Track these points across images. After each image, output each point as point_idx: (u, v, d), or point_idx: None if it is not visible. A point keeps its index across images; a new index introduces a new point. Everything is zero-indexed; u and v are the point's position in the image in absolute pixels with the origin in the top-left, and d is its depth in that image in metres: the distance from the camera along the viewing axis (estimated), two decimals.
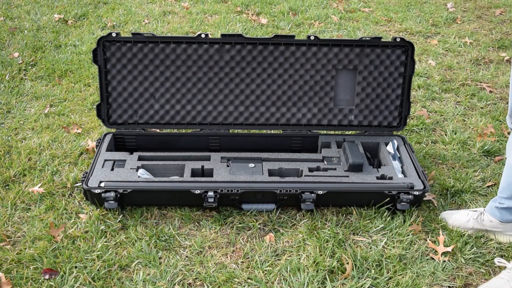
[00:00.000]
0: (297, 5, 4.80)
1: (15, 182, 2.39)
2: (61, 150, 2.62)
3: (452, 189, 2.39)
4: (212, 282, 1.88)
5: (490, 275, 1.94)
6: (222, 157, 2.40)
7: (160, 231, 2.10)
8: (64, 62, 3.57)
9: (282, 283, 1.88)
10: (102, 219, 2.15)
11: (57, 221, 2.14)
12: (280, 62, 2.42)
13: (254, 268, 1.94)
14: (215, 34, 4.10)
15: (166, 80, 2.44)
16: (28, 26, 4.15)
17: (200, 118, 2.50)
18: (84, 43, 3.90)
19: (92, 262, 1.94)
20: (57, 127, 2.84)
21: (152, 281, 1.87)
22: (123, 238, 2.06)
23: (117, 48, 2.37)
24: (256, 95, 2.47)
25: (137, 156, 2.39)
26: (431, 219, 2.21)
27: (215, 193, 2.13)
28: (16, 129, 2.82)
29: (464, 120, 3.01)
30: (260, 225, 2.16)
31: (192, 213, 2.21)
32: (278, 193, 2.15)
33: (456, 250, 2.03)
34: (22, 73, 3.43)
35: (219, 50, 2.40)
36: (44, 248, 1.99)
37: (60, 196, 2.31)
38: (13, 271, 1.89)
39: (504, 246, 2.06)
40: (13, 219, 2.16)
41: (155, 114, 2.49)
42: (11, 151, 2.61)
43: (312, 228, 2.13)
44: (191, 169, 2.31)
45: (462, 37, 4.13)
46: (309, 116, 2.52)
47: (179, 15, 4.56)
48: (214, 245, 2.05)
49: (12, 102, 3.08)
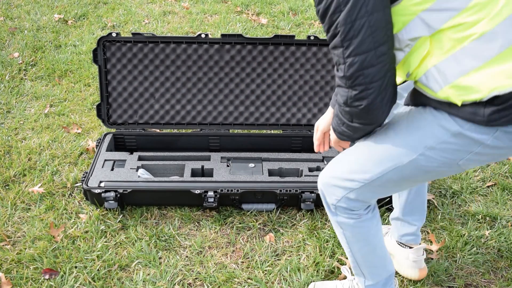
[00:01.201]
0: (297, 5, 4.80)
1: (15, 182, 2.39)
2: (61, 150, 2.62)
3: (452, 189, 2.39)
4: (212, 282, 1.88)
5: (490, 275, 1.95)
6: (222, 157, 2.40)
7: (160, 231, 2.10)
8: (64, 62, 3.57)
9: (282, 283, 1.88)
10: (102, 219, 2.15)
11: (57, 221, 2.14)
12: (280, 62, 2.42)
13: (254, 268, 1.94)
14: (215, 34, 4.10)
15: (166, 80, 2.44)
16: (28, 26, 4.15)
17: (200, 118, 2.51)
18: (84, 43, 3.90)
19: (92, 262, 1.94)
20: (57, 127, 2.84)
21: (152, 281, 1.87)
22: (123, 238, 2.06)
23: (117, 48, 2.37)
24: (256, 95, 2.47)
25: (137, 156, 2.39)
26: (431, 219, 2.21)
27: (215, 193, 2.13)
28: (16, 129, 2.82)
29: None
30: (260, 225, 2.16)
31: (192, 213, 2.21)
32: (278, 193, 2.15)
33: (456, 250, 2.03)
34: (22, 73, 3.43)
35: (219, 50, 2.40)
36: (44, 248, 1.99)
37: (60, 196, 2.31)
38: (13, 271, 1.89)
39: (503, 247, 2.07)
40: (13, 219, 2.16)
41: (155, 114, 2.49)
42: (11, 151, 2.61)
43: (312, 228, 2.13)
44: (191, 169, 2.31)
45: None
46: (309, 116, 2.52)
47: (179, 15, 4.56)
48: (214, 245, 2.05)
49: (12, 102, 3.08)
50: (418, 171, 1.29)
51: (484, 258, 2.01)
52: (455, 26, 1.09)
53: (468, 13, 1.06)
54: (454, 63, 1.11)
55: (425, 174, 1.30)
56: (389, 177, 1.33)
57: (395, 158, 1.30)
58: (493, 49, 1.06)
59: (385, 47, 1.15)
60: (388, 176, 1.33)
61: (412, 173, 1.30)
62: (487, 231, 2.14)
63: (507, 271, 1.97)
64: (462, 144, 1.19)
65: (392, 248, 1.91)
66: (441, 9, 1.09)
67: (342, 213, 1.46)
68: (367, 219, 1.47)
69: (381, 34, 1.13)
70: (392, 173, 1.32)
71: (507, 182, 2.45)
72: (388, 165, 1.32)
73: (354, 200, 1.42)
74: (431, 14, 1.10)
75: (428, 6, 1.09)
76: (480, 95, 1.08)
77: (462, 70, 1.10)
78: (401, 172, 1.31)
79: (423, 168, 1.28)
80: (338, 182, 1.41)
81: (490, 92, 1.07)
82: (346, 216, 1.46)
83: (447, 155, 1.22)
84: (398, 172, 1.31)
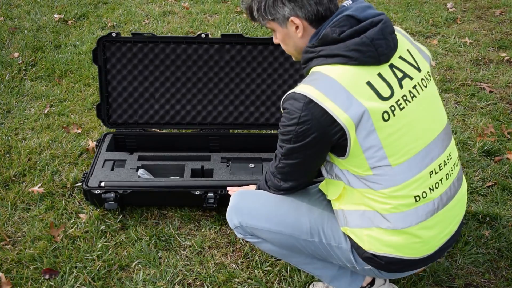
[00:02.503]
0: None
1: (15, 182, 2.39)
2: (61, 150, 2.62)
3: None
4: (212, 282, 1.88)
5: (490, 275, 1.95)
6: (222, 157, 2.40)
7: (160, 231, 2.10)
8: (64, 62, 3.57)
9: (282, 283, 1.88)
10: (102, 219, 2.15)
11: (57, 221, 2.15)
12: (280, 62, 2.42)
13: (254, 268, 1.94)
14: (215, 34, 4.10)
15: (166, 80, 2.44)
16: (28, 26, 4.15)
17: (200, 118, 2.50)
18: (84, 43, 3.90)
19: (92, 262, 1.94)
20: (57, 127, 2.84)
21: (152, 281, 1.87)
22: (123, 238, 2.06)
23: (117, 48, 2.37)
24: (256, 95, 2.47)
25: (137, 156, 2.39)
26: None
27: (215, 194, 2.13)
28: (16, 129, 2.82)
29: (464, 120, 3.01)
30: None
31: (192, 213, 2.21)
32: None
33: (456, 250, 2.03)
34: (22, 73, 3.43)
35: (219, 50, 2.40)
36: (44, 248, 1.99)
37: (60, 196, 2.31)
38: (13, 271, 1.89)
39: (503, 247, 2.06)
40: (13, 219, 2.16)
41: (155, 114, 2.49)
42: (11, 151, 2.61)
43: None
44: (191, 169, 2.31)
45: (462, 37, 4.13)
46: None
47: (179, 15, 4.56)
48: (214, 245, 2.05)
49: (12, 102, 3.08)
50: (304, 248, 1.59)
51: (484, 258, 2.01)
52: (365, 195, 1.40)
53: (375, 193, 1.37)
54: (356, 217, 1.44)
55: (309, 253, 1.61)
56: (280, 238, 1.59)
57: (295, 230, 1.56)
58: (383, 225, 1.40)
59: (309, 171, 1.50)
60: (279, 236, 1.59)
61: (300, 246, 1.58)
62: (487, 231, 2.14)
63: (507, 271, 1.97)
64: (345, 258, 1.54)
65: None
66: (359, 179, 1.39)
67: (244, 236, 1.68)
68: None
69: (309, 166, 1.47)
70: (284, 237, 1.58)
71: (507, 182, 2.45)
72: (286, 230, 1.57)
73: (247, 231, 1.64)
74: (352, 177, 1.40)
75: (353, 173, 1.39)
76: (363, 246, 1.45)
77: (358, 225, 1.44)
78: (291, 241, 1.57)
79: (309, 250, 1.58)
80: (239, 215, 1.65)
81: (369, 249, 1.44)
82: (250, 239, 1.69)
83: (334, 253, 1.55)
84: (289, 239, 1.58)
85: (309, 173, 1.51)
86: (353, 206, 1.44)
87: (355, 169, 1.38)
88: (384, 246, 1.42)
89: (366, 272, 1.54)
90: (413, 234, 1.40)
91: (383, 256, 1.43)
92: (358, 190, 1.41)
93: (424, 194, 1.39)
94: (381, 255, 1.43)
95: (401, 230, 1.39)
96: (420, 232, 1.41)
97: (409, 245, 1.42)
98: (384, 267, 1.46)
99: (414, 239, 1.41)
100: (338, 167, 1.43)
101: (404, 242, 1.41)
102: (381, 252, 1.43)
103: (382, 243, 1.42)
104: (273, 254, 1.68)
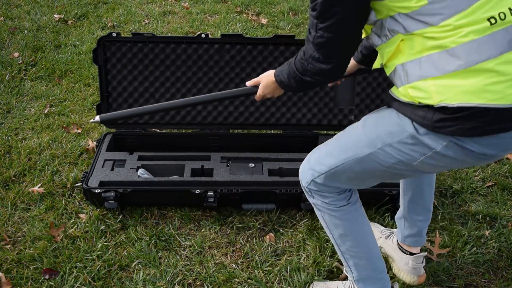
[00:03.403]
0: (297, 5, 4.80)
1: (15, 182, 2.39)
2: (61, 150, 2.62)
3: (452, 189, 2.39)
4: (212, 282, 1.88)
5: (490, 275, 1.95)
6: (222, 157, 2.40)
7: (160, 231, 2.10)
8: (64, 62, 3.57)
9: (282, 283, 1.88)
10: (102, 219, 2.15)
11: (57, 221, 2.15)
12: (280, 62, 2.42)
13: (254, 268, 1.94)
14: (215, 34, 4.10)
15: (166, 80, 2.44)
16: (28, 26, 4.15)
17: (200, 118, 2.50)
18: (84, 43, 3.90)
19: (92, 262, 1.94)
20: (57, 127, 2.84)
21: (152, 281, 1.87)
22: (123, 238, 2.06)
23: (117, 48, 2.37)
24: None
25: (137, 156, 2.39)
26: (431, 219, 2.20)
27: (215, 193, 2.13)
28: (16, 129, 2.82)
29: None
30: (260, 225, 2.16)
31: (192, 213, 2.21)
32: (278, 193, 2.15)
33: (456, 250, 2.03)
34: (22, 73, 3.43)
35: (219, 50, 2.40)
36: (44, 248, 1.99)
37: (60, 196, 2.31)
38: (13, 271, 1.89)
39: (503, 247, 2.07)
40: (13, 219, 2.16)
41: (155, 114, 2.49)
42: (11, 151, 2.61)
43: (312, 228, 2.13)
44: (191, 169, 2.31)
45: None
46: (309, 116, 2.52)
47: (179, 15, 4.56)
48: (214, 245, 2.05)
49: (12, 102, 3.08)
50: (377, 165, 1.38)
51: (484, 258, 2.01)
52: (426, 36, 1.18)
53: (438, 30, 1.15)
54: (417, 66, 1.21)
55: (385, 170, 1.38)
56: (351, 166, 1.42)
57: (357, 148, 1.40)
58: (453, 65, 1.14)
59: (351, 36, 1.28)
60: (350, 164, 1.42)
61: (372, 166, 1.39)
62: (487, 231, 2.14)
63: (507, 271, 1.97)
64: (416, 146, 1.27)
65: (393, 252, 1.92)
66: (415, 19, 1.18)
67: (317, 196, 1.55)
68: (344, 211, 1.54)
69: (350, 25, 1.25)
70: (353, 162, 1.41)
71: (507, 182, 2.45)
72: (350, 154, 1.41)
73: (322, 184, 1.51)
74: (407, 19, 1.20)
75: (405, 12, 1.19)
76: (431, 102, 1.17)
77: (421, 75, 1.20)
78: (361, 163, 1.40)
79: (381, 162, 1.36)
80: (311, 166, 1.53)
81: (439, 102, 1.16)
82: (321, 200, 1.55)
83: (403, 154, 1.31)
84: (358, 163, 1.41)
85: (351, 43, 1.30)
86: (415, 56, 1.21)
87: (405, 4, 1.16)
88: (458, 94, 1.13)
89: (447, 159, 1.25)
90: (493, 70, 1.10)
91: (458, 107, 1.12)
92: (417, 34, 1.18)
93: (502, 15, 1.10)
94: (455, 106, 1.13)
95: (476, 67, 1.11)
96: (502, 68, 1.10)
97: (490, 86, 1.10)
98: (467, 130, 1.15)
99: (496, 77, 1.10)
100: (389, 16, 1.22)
101: (484, 83, 1.11)
102: (455, 102, 1.12)
103: (455, 89, 1.13)
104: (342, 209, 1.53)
